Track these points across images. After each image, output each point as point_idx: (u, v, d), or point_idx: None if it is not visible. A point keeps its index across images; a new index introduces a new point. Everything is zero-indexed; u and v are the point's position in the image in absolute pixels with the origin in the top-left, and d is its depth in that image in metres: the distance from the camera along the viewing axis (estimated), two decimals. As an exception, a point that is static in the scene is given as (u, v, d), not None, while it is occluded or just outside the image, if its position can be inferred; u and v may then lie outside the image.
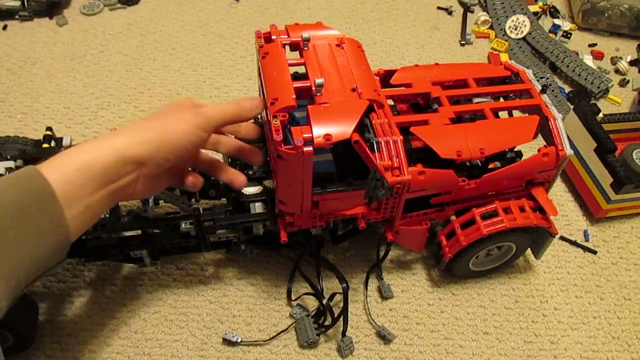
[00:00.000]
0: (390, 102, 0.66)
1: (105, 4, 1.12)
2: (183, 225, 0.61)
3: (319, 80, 0.52)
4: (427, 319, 0.70)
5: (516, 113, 0.70)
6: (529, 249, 0.71)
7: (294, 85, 0.53)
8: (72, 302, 0.70)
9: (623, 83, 1.02)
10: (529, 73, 0.67)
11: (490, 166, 0.66)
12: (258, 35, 0.60)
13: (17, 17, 1.08)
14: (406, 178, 0.54)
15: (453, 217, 0.66)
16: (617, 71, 1.04)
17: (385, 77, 0.67)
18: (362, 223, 0.61)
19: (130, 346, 0.66)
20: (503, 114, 0.68)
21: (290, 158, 0.50)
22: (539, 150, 0.61)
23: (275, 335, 0.67)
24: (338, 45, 0.60)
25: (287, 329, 0.68)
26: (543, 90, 0.65)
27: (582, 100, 0.96)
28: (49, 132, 0.69)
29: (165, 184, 0.53)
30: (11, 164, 0.64)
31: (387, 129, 0.55)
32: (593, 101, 0.97)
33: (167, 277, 0.72)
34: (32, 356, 0.65)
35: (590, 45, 1.09)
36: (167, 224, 0.62)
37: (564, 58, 1.01)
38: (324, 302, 0.66)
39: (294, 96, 0.52)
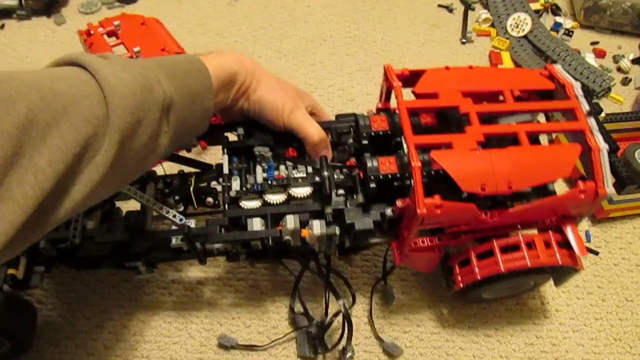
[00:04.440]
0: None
1: (103, 2, 1.11)
2: (174, 240, 0.58)
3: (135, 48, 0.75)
4: (428, 321, 0.69)
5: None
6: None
7: None
8: (70, 305, 0.69)
9: (625, 81, 1.01)
10: (577, 87, 0.58)
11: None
12: (80, 33, 0.80)
13: (14, 16, 1.08)
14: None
15: (470, 244, 0.60)
16: (619, 69, 1.03)
17: (410, 78, 0.59)
18: None
19: (129, 349, 0.66)
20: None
21: None
22: (575, 184, 0.54)
23: (274, 340, 0.67)
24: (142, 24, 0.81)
25: (284, 336, 0.67)
26: (591, 113, 0.56)
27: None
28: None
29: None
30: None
31: None
32: (595, 100, 0.96)
33: (165, 279, 0.72)
34: (30, 359, 0.64)
35: (592, 44, 1.08)
36: (158, 238, 0.59)
37: (566, 56, 1.00)
38: (327, 321, 0.65)
39: None
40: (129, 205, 0.65)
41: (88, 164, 0.38)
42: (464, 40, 1.08)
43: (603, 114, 0.84)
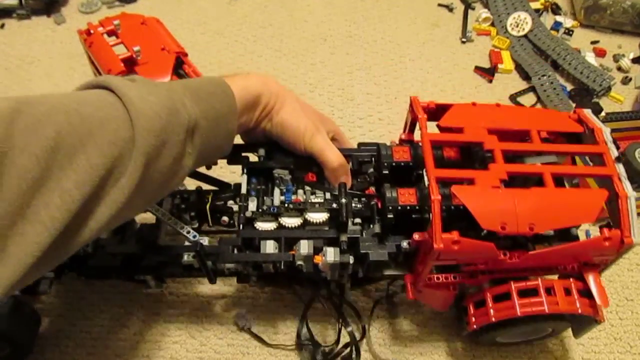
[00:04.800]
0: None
1: (103, 2, 1.11)
2: (185, 257, 0.58)
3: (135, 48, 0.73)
4: (427, 320, 0.69)
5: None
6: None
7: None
8: (70, 304, 0.69)
9: (625, 81, 1.01)
10: (606, 132, 0.57)
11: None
12: (80, 33, 0.79)
13: (14, 15, 1.08)
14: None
15: (486, 285, 0.58)
16: (619, 69, 1.03)
17: (436, 111, 0.59)
18: None
19: (129, 348, 0.66)
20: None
21: None
22: (600, 231, 0.52)
23: (281, 345, 0.67)
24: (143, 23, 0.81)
25: (291, 345, 0.67)
26: (619, 159, 0.55)
27: (584, 98, 0.96)
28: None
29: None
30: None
31: None
32: (595, 99, 0.96)
33: (166, 278, 0.72)
34: (31, 359, 0.64)
35: (592, 43, 1.08)
36: (170, 253, 0.59)
37: (566, 55, 1.00)
38: (335, 351, 0.63)
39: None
40: (145, 218, 0.65)
41: (113, 186, 0.39)
42: (464, 40, 1.08)
43: (603, 114, 0.84)
